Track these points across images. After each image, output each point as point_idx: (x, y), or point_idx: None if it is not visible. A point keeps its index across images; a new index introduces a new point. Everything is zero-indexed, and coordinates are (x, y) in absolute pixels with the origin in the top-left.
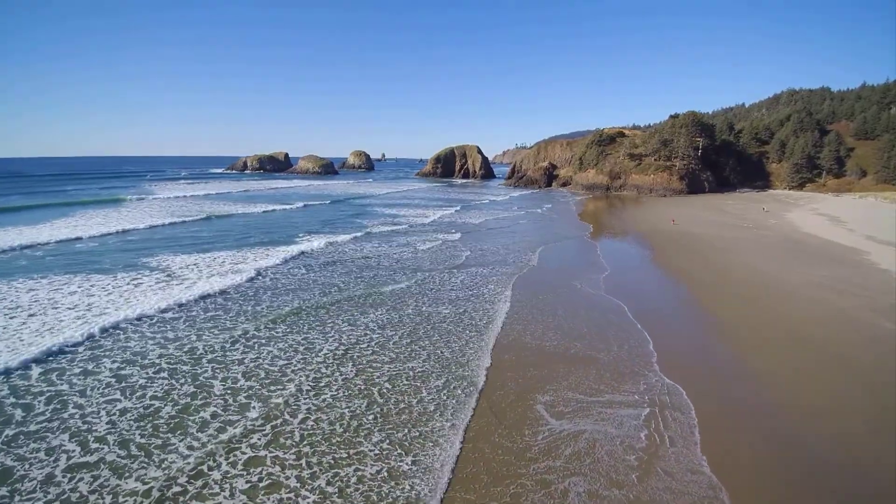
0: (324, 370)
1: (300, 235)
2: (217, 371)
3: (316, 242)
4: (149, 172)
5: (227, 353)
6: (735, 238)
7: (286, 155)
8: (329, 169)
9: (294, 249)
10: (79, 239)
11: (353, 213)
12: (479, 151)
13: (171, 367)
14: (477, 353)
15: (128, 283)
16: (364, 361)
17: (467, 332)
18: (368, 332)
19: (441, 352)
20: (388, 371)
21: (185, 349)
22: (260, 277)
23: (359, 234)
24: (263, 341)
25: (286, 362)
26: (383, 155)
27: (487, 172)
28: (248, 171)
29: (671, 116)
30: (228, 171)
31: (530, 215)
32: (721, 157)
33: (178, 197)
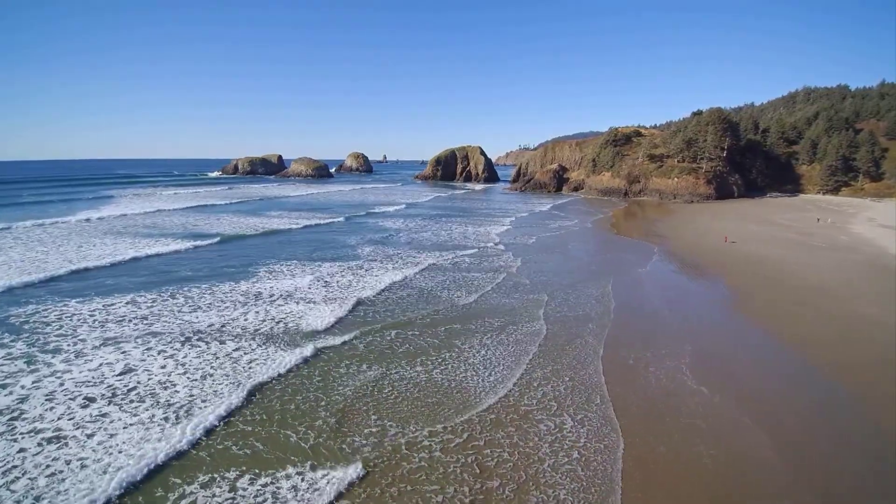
0: None
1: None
2: None
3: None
4: (132, 177)
5: None
6: (819, 266)
7: (280, 157)
8: (323, 172)
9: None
10: None
11: (373, 246)
12: (482, 153)
13: None
14: None
15: None
16: None
17: None
18: None
19: None
20: None
21: None
22: None
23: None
24: None
25: None
26: (384, 157)
27: (491, 175)
28: (238, 175)
29: (694, 113)
30: (220, 176)
31: (580, 235)
32: (746, 158)
33: (129, 214)
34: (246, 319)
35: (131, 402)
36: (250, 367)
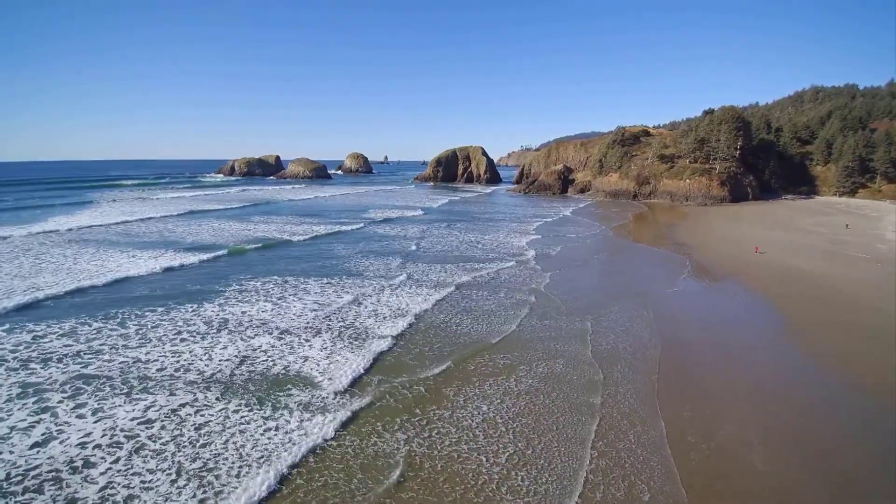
0: None
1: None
2: None
3: None
4: (124, 178)
5: None
6: (875, 285)
7: (277, 158)
8: (321, 173)
9: None
10: None
11: (387, 260)
12: (484, 153)
13: None
14: None
15: None
16: None
17: None
18: None
19: None
20: None
21: None
22: None
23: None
24: None
25: None
26: (385, 157)
27: (493, 176)
28: (235, 176)
29: (706, 112)
30: (216, 178)
31: (602, 245)
32: (760, 158)
33: (103, 224)
34: (210, 357)
35: (25, 491)
36: (200, 435)
